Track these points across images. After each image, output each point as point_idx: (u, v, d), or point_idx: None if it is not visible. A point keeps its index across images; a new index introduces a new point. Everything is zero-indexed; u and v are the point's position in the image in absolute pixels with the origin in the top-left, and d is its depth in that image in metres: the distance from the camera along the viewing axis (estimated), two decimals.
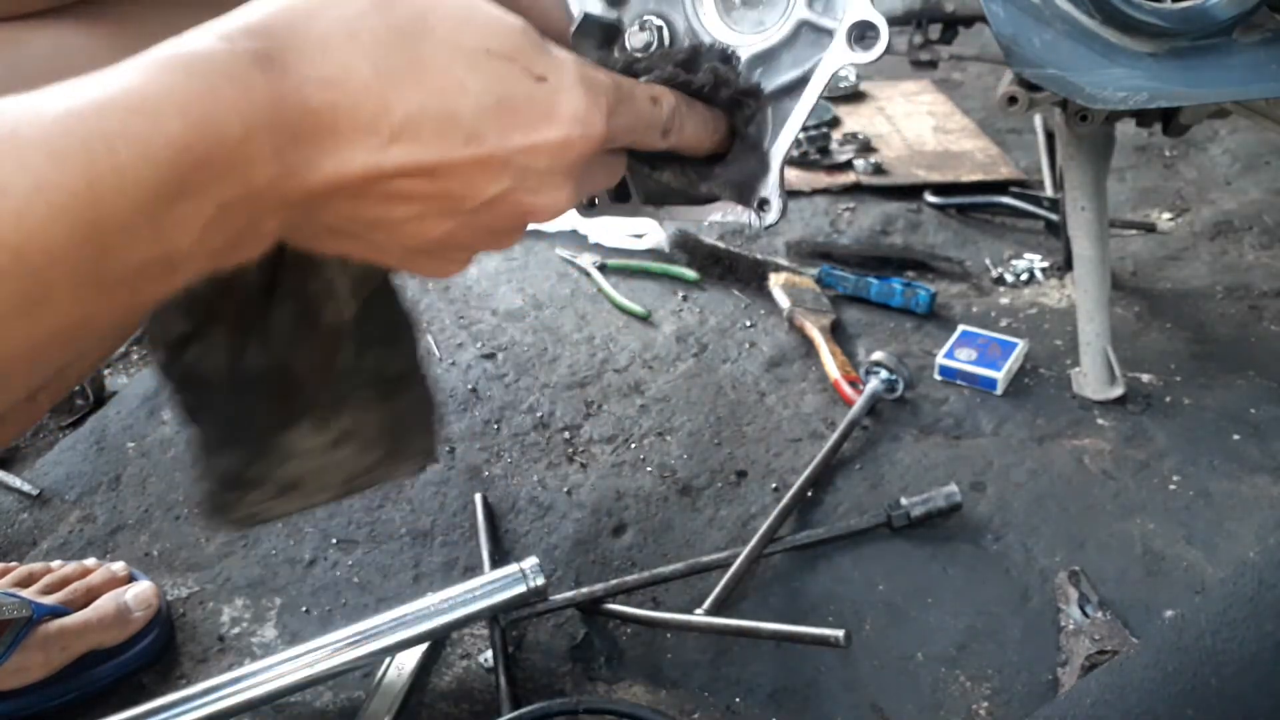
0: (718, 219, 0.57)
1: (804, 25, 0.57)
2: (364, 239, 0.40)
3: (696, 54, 0.52)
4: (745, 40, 0.57)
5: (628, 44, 0.58)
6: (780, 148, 0.56)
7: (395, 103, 0.36)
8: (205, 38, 0.34)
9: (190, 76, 0.33)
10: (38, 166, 0.29)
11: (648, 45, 0.57)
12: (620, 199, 0.57)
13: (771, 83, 0.57)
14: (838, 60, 0.55)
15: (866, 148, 1.74)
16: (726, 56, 0.55)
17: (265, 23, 0.36)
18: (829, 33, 0.56)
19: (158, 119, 0.31)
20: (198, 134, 0.32)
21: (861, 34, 0.55)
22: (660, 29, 0.58)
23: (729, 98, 0.52)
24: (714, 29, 0.58)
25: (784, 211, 0.56)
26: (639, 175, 0.55)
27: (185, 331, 0.51)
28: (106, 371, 1.30)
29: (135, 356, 1.34)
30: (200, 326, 0.51)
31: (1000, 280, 1.39)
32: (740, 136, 0.53)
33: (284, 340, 0.52)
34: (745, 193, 0.54)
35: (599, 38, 0.59)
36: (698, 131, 0.50)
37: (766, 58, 0.57)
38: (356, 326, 0.54)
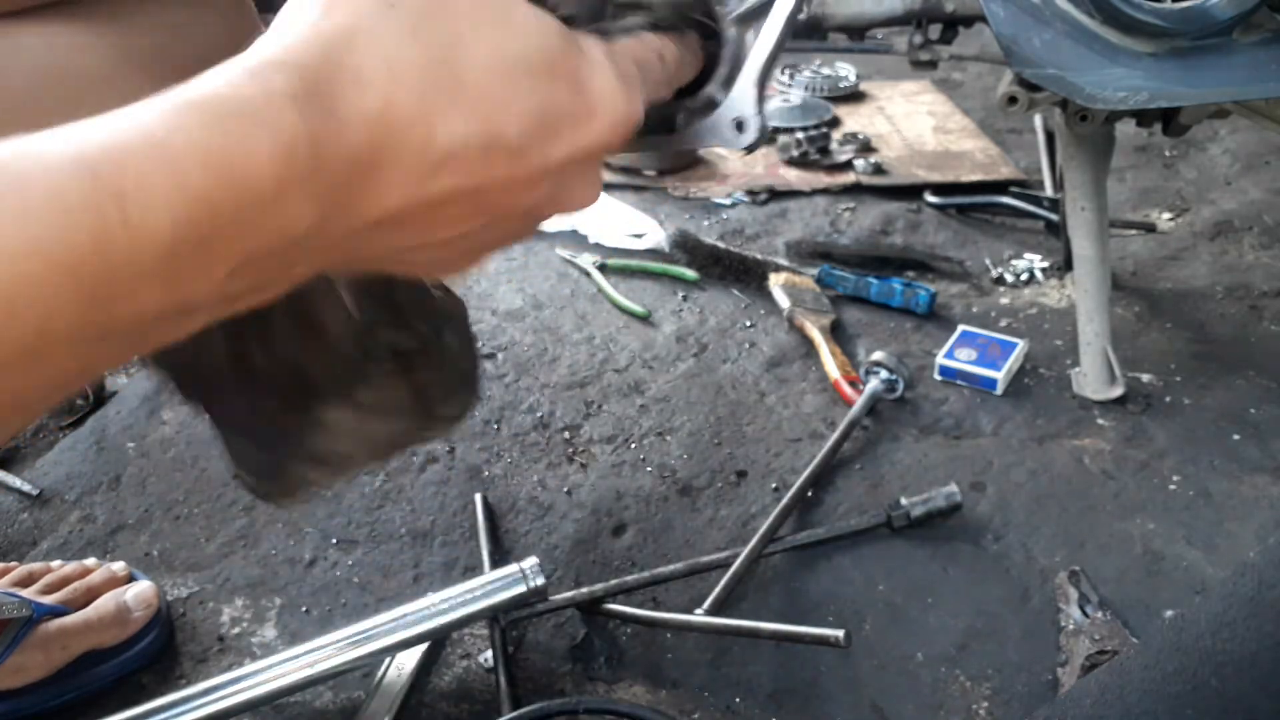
0: (695, 146, 0.55)
1: None
2: (398, 261, 0.39)
3: None
4: None
5: None
6: (753, 65, 0.54)
7: (439, 133, 0.34)
8: (233, 73, 0.31)
9: (217, 121, 0.30)
10: (40, 221, 0.27)
11: None
12: None
13: (743, 4, 0.56)
14: None
15: (866, 148, 1.74)
16: None
17: (299, 56, 0.33)
18: None
19: (177, 172, 0.29)
20: (223, 187, 0.29)
21: None
22: None
23: (700, 22, 0.51)
24: None
25: (762, 131, 0.54)
26: None
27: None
28: (106, 371, 1.30)
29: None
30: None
31: (1000, 280, 1.40)
32: (712, 56, 0.52)
33: (286, 341, 0.50)
34: (721, 111, 0.53)
35: None
36: (688, 68, 0.49)
37: None
38: (363, 316, 0.52)
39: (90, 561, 0.94)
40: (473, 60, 0.35)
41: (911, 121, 1.87)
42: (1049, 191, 1.55)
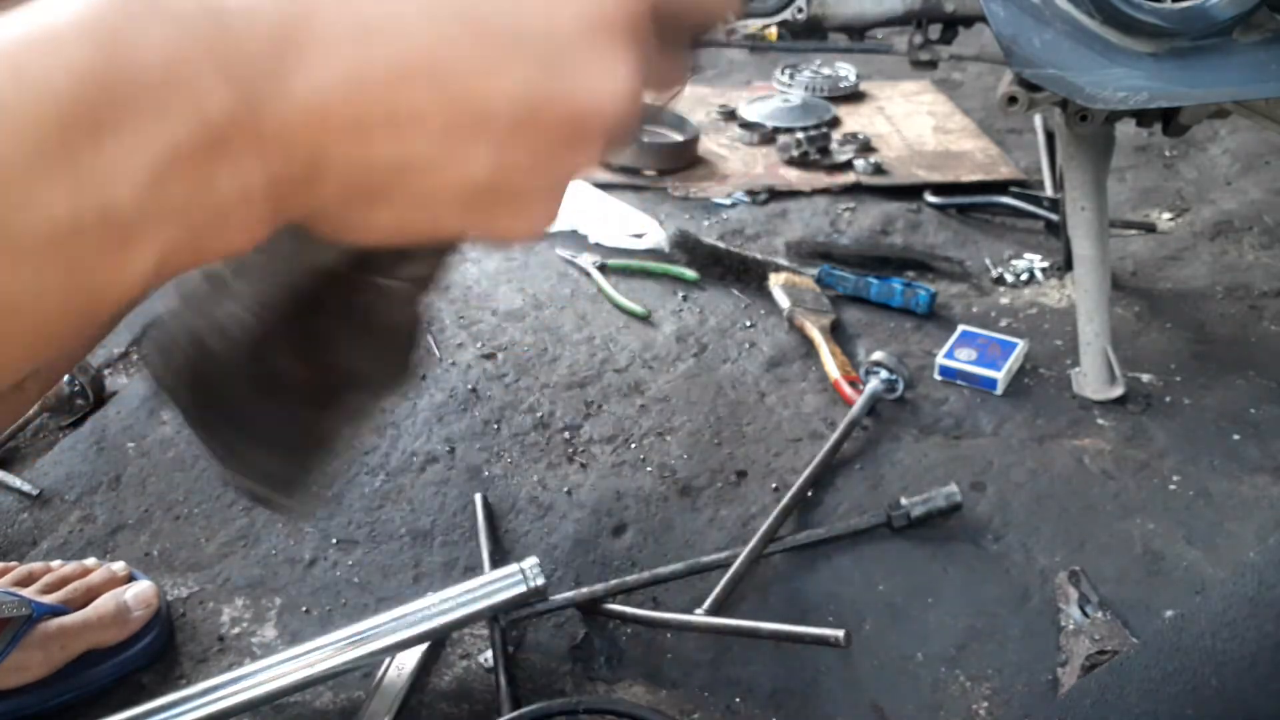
0: None
1: None
2: (404, 192, 0.31)
3: None
4: None
5: None
6: None
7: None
8: None
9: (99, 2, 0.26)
10: None
11: None
12: None
13: None
14: None
15: (866, 148, 1.74)
16: None
17: None
18: None
19: (52, 48, 0.25)
20: (106, 57, 0.26)
21: None
22: None
23: None
24: None
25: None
26: None
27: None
28: (107, 371, 1.30)
29: (135, 356, 1.34)
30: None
31: (1000, 280, 1.40)
32: None
33: (338, 347, 0.44)
34: None
35: None
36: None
37: None
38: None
39: (90, 561, 0.94)
40: None
41: (911, 121, 1.87)
42: (1049, 191, 1.55)
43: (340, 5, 0.29)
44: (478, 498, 1.04)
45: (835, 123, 1.84)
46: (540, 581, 0.86)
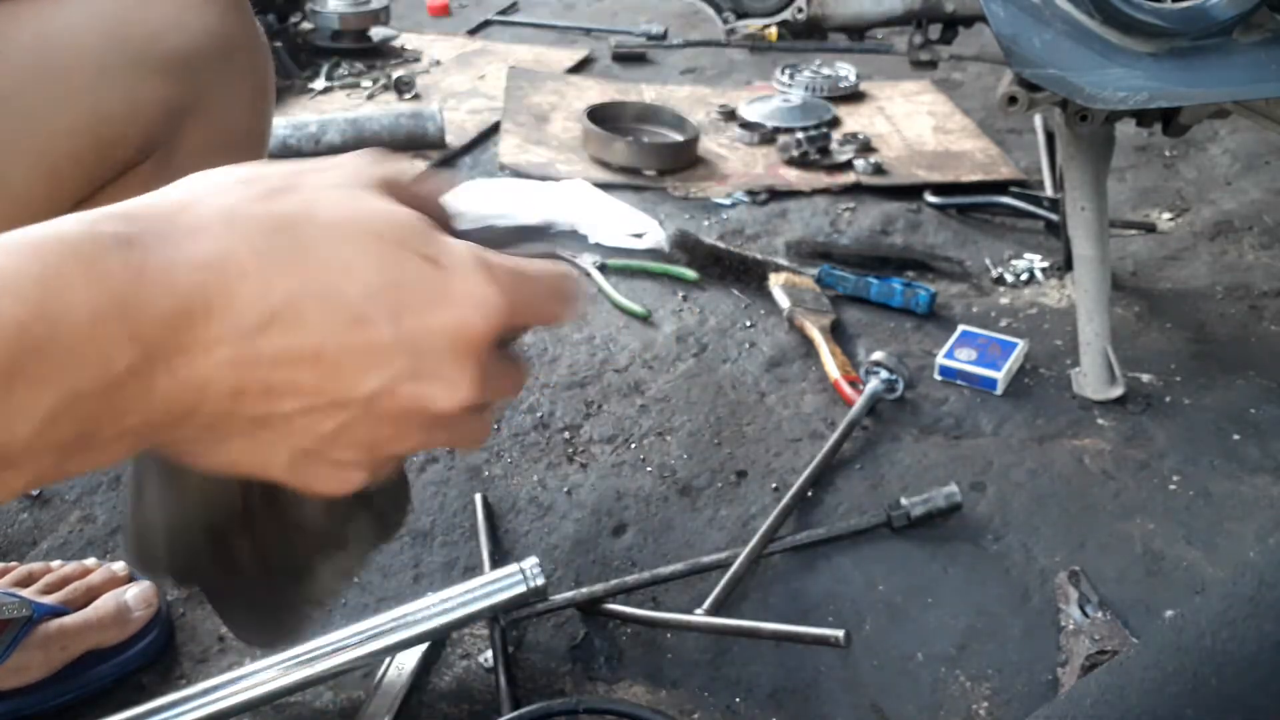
0: None
1: None
2: (248, 439, 0.37)
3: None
4: None
5: None
6: None
7: (274, 284, 0.34)
8: (66, 221, 0.32)
9: (34, 258, 0.31)
10: None
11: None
12: None
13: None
14: None
15: (866, 148, 1.74)
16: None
17: (133, 208, 0.34)
18: None
19: None
20: (35, 316, 0.30)
21: None
22: None
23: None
24: None
25: None
26: None
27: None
28: None
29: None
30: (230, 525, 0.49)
31: (1000, 280, 1.40)
32: None
33: (271, 539, 0.51)
34: None
35: None
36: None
37: None
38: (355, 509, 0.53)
39: (90, 561, 0.94)
40: (318, 226, 0.35)
41: (911, 121, 1.87)
42: (1049, 191, 1.55)
43: (257, 285, 0.34)
44: (478, 498, 1.04)
45: (835, 123, 1.84)
46: (540, 581, 0.86)
